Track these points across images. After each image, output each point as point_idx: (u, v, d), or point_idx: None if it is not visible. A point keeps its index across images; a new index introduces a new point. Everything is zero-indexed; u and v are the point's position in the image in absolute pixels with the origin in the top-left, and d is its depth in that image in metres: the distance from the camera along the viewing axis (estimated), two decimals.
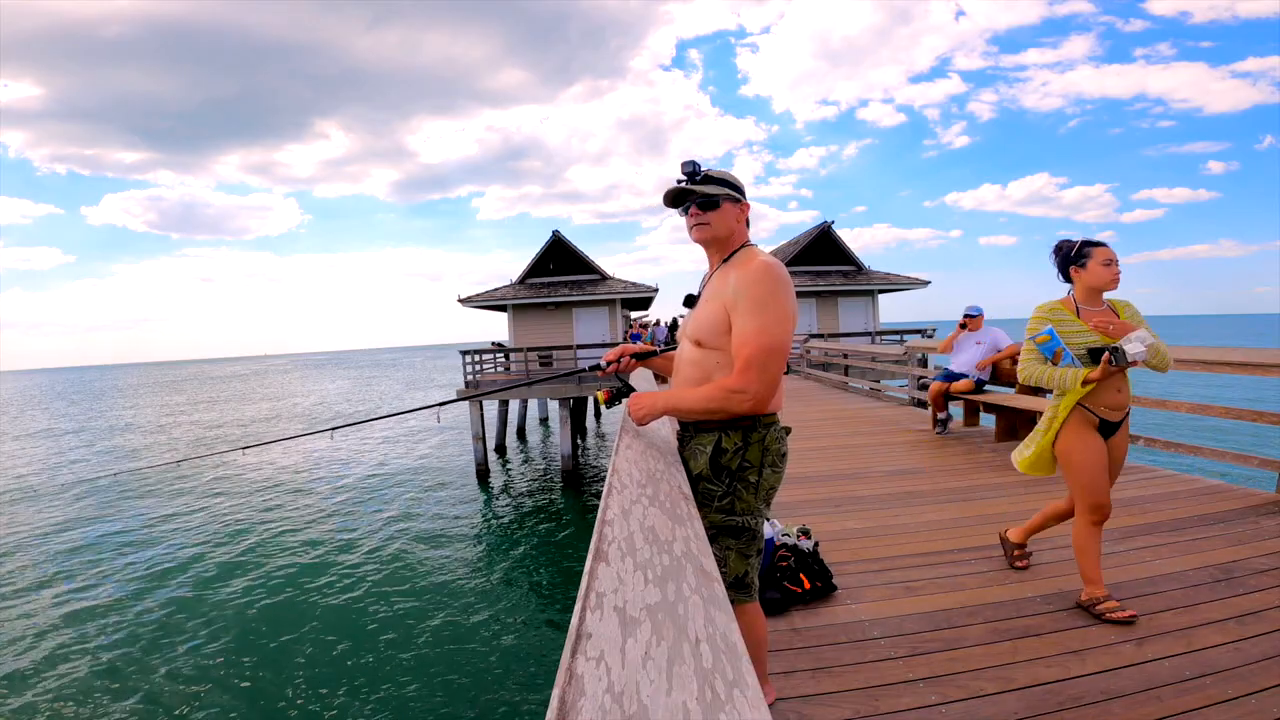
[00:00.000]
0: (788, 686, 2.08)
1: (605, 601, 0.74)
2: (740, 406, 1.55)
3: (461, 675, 7.24)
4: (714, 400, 1.57)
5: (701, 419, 1.66)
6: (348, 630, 8.47)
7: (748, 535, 1.63)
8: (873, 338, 21.75)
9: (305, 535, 12.78)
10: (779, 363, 1.54)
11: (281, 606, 9.36)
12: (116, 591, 10.25)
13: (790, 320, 1.56)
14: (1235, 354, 4.23)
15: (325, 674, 7.37)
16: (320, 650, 7.94)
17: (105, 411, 46.59)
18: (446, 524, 13.28)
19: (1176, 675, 2.02)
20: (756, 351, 1.51)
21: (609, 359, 2.02)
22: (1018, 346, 6.07)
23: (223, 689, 7.15)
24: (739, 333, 1.54)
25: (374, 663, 7.58)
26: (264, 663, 7.70)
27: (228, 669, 7.60)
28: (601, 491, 1.26)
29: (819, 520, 3.69)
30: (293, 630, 8.52)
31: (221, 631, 8.60)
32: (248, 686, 7.19)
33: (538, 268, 22.82)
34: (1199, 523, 3.43)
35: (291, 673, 7.43)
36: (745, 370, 1.52)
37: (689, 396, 1.64)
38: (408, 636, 8.21)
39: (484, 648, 7.88)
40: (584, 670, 0.59)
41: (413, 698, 6.82)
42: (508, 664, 7.47)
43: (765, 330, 1.51)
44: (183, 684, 7.30)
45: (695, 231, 1.70)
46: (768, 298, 1.53)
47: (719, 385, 1.57)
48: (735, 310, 1.55)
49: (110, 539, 13.19)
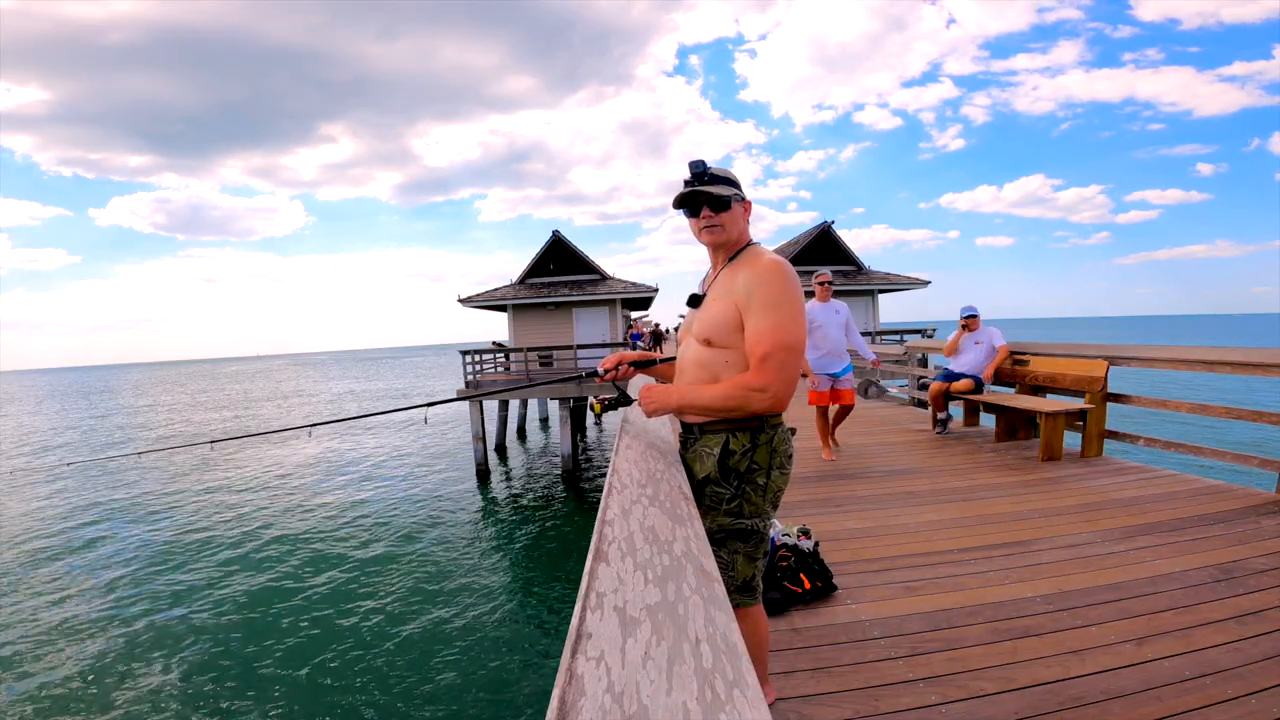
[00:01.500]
0: (788, 686, 2.08)
1: (605, 601, 0.74)
2: (760, 405, 1.53)
3: (461, 675, 7.23)
4: (732, 398, 1.54)
5: (717, 417, 1.61)
6: (346, 630, 8.46)
7: (755, 538, 1.61)
8: (873, 338, 21.75)
9: (304, 535, 12.78)
10: (796, 360, 1.53)
11: (279, 606, 9.35)
12: (114, 589, 10.27)
13: (803, 317, 1.55)
14: (1235, 354, 4.24)
15: (324, 673, 7.36)
16: (318, 649, 7.94)
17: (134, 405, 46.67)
18: (446, 524, 13.28)
19: (1176, 675, 2.02)
20: (775, 348, 1.49)
21: (606, 366, 1.92)
22: (1008, 348, 6.09)
23: (222, 688, 7.15)
24: (754, 330, 1.52)
25: (373, 662, 7.57)
26: (263, 662, 7.70)
27: (227, 667, 7.60)
28: (601, 491, 1.26)
29: (819, 520, 3.69)
30: (291, 629, 8.52)
31: (220, 630, 8.60)
32: (247, 686, 7.19)
33: (538, 268, 22.81)
34: (1199, 523, 3.43)
35: (290, 672, 7.42)
36: (763, 368, 1.50)
37: (706, 393, 1.59)
38: (407, 636, 8.20)
39: (484, 647, 7.88)
40: (584, 670, 0.59)
41: (412, 697, 6.81)
42: (507, 663, 7.47)
43: (782, 327, 1.50)
44: (180, 682, 7.30)
45: (707, 234, 1.66)
46: (782, 295, 1.51)
47: (737, 383, 1.54)
48: (748, 309, 1.53)
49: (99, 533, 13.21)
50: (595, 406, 1.93)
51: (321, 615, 8.98)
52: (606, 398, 1.94)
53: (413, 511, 14.29)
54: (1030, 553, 3.12)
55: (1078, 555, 3.06)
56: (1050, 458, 4.99)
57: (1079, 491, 4.10)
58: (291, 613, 9.11)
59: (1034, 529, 3.47)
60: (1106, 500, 3.88)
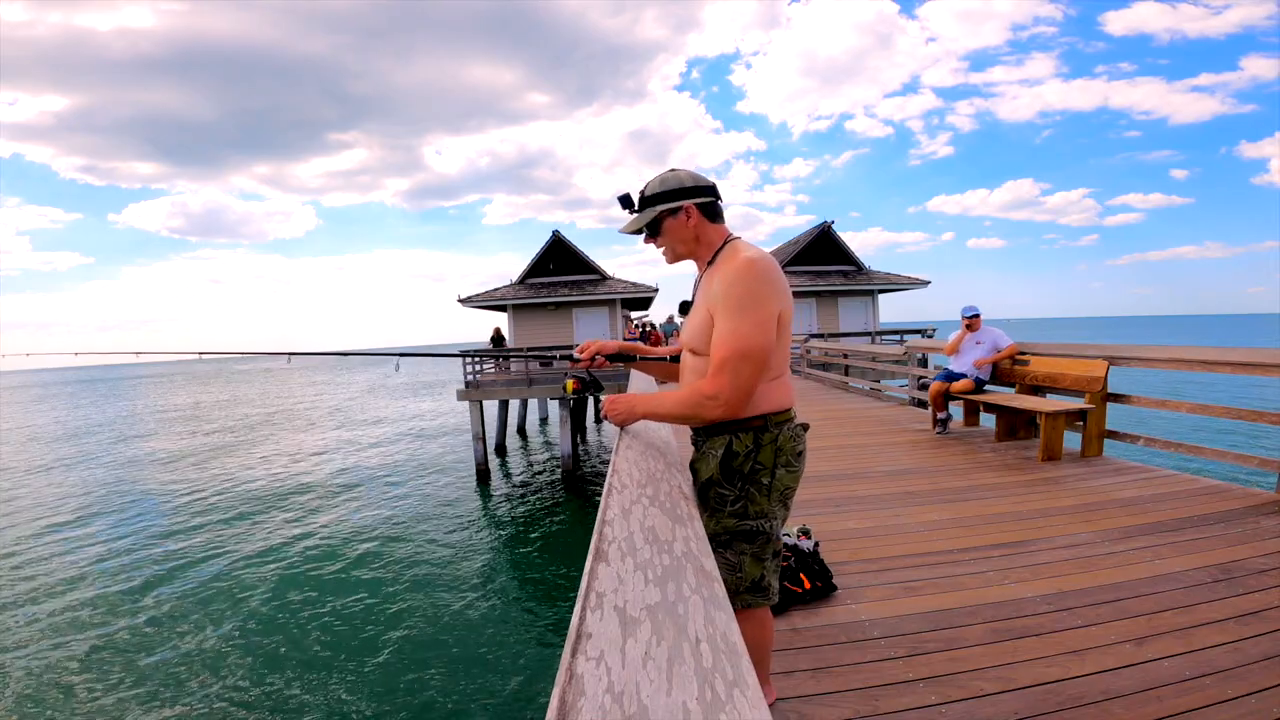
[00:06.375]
0: (788, 686, 2.08)
1: (605, 601, 0.74)
2: (712, 413, 1.50)
3: (461, 675, 7.23)
4: (687, 405, 1.53)
5: (678, 424, 1.64)
6: (345, 629, 8.46)
7: (762, 539, 1.58)
8: (873, 338, 21.74)
9: (302, 534, 12.77)
10: (753, 368, 1.46)
11: (278, 605, 9.35)
12: (111, 587, 10.27)
13: (770, 321, 1.47)
14: (1235, 354, 4.24)
15: (322, 673, 7.36)
16: (317, 649, 7.94)
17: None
18: (446, 524, 13.27)
19: (1176, 675, 2.02)
20: (729, 355, 1.45)
21: (580, 354, 1.96)
22: (1018, 346, 6.09)
23: (220, 687, 7.15)
24: (715, 335, 1.49)
25: (372, 662, 7.57)
26: (262, 661, 7.69)
27: (225, 667, 7.59)
28: (601, 491, 1.26)
29: (819, 520, 3.69)
30: (289, 628, 8.52)
31: (219, 628, 8.59)
32: (245, 685, 7.19)
33: (538, 268, 22.80)
34: (1199, 523, 3.43)
35: (289, 671, 7.42)
36: (717, 375, 1.46)
37: (666, 401, 1.60)
38: (406, 636, 8.20)
39: (483, 647, 7.88)
40: (584, 670, 0.59)
41: (411, 697, 6.81)
42: (507, 663, 7.47)
43: (738, 333, 1.45)
44: (178, 682, 7.30)
45: (666, 256, 1.68)
46: (745, 298, 1.46)
47: (694, 389, 1.52)
48: (716, 313, 1.50)
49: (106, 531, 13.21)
50: (569, 385, 1.99)
51: (320, 615, 8.97)
52: (579, 377, 2.01)
53: (413, 511, 14.28)
54: (1030, 553, 3.12)
55: (1077, 555, 3.06)
56: (1050, 458, 4.99)
57: (1079, 491, 4.10)
58: (290, 612, 9.11)
59: (1034, 529, 3.47)
60: (1106, 500, 3.88)
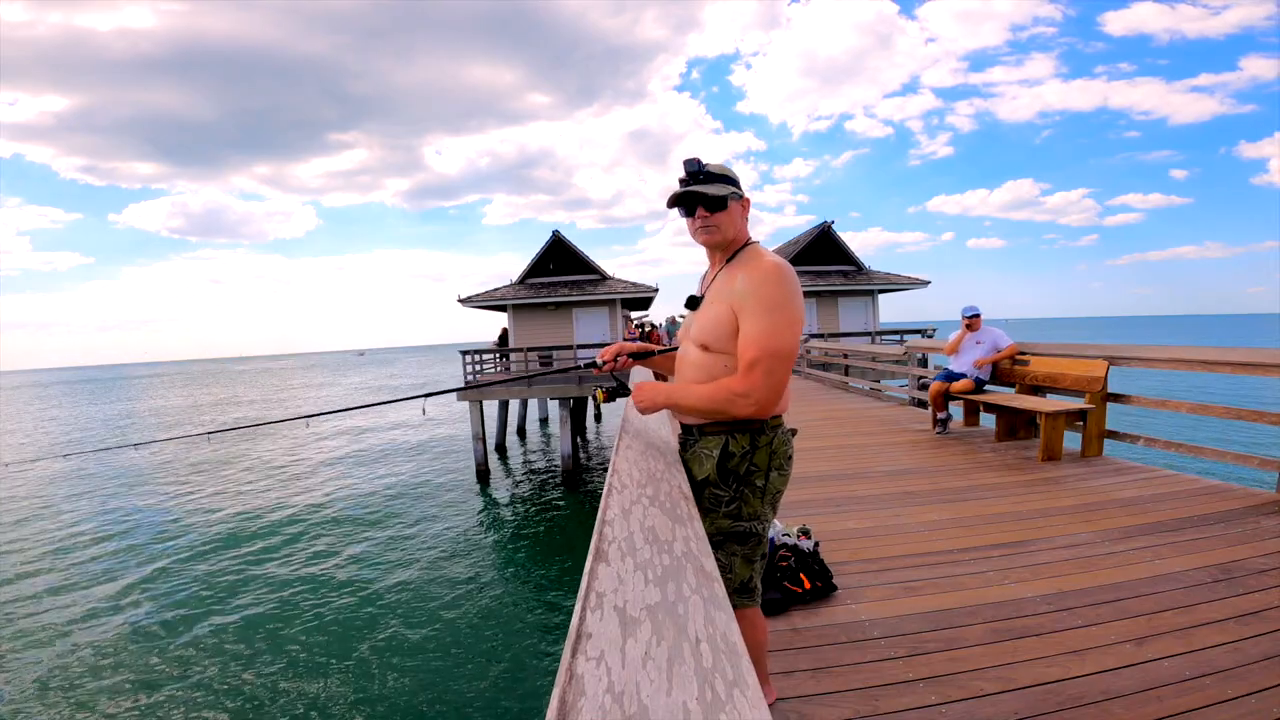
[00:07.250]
0: (788, 686, 2.08)
1: (605, 601, 0.74)
2: (742, 410, 1.51)
3: (461, 675, 7.23)
4: (716, 401, 1.53)
5: (702, 419, 1.62)
6: (345, 629, 8.46)
7: (754, 540, 1.60)
8: (873, 337, 21.73)
9: (302, 534, 12.78)
10: (785, 368, 1.50)
11: (277, 604, 9.35)
12: (109, 586, 10.27)
13: (799, 324, 1.50)
14: (1235, 354, 4.23)
15: (322, 673, 7.36)
16: (317, 648, 7.94)
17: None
18: (446, 524, 13.27)
19: (1176, 675, 2.02)
20: (762, 355, 1.46)
21: (604, 357, 1.95)
22: (1018, 346, 6.09)
23: (220, 687, 7.15)
24: (745, 334, 1.50)
25: (372, 662, 7.57)
26: (261, 661, 7.70)
27: (224, 666, 7.60)
28: (601, 491, 1.26)
29: (819, 520, 3.69)
30: (288, 628, 8.52)
31: (217, 626, 8.60)
32: (244, 684, 7.19)
33: (538, 268, 22.79)
34: (1199, 523, 3.43)
35: (288, 670, 7.42)
36: (749, 373, 1.48)
37: (692, 393, 1.59)
38: (407, 636, 8.20)
39: (484, 647, 7.88)
40: (584, 670, 0.59)
41: (411, 697, 6.82)
42: (508, 663, 7.47)
43: (774, 333, 1.46)
44: (178, 681, 7.30)
45: (703, 235, 1.62)
46: (778, 300, 1.47)
47: (723, 386, 1.53)
48: (743, 311, 1.50)
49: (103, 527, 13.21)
50: (599, 395, 1.98)
51: (320, 615, 8.97)
52: (608, 387, 1.99)
53: (413, 511, 14.28)
54: (1030, 553, 3.12)
55: (1077, 555, 3.06)
56: (1050, 458, 4.99)
57: (1079, 491, 4.10)
58: (290, 612, 9.11)
59: (1034, 529, 3.47)
60: (1106, 500, 3.88)
